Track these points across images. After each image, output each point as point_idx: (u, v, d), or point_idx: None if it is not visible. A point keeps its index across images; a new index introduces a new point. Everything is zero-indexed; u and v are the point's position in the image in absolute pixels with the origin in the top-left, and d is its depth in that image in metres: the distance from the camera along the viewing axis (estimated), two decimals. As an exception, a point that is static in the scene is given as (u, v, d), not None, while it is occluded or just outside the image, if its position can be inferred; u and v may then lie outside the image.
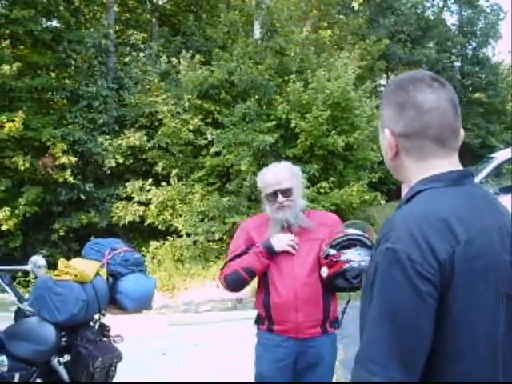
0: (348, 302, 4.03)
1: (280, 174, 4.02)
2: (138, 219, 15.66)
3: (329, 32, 21.01)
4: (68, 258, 5.52)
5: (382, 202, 16.15)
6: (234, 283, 4.16)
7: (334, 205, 14.53)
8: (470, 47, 32.00)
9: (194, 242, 15.12)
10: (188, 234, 15.09)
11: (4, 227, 15.40)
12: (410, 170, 1.83)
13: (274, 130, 15.47)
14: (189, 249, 15.13)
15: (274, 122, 15.47)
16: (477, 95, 31.37)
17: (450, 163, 1.81)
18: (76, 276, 5.00)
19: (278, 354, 4.01)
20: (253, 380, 4.20)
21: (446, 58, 30.47)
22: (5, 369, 4.67)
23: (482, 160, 14.00)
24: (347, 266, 3.70)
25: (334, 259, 3.77)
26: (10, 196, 15.71)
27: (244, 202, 14.94)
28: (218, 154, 15.40)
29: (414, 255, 1.59)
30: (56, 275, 5.13)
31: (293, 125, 15.13)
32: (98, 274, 5.23)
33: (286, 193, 3.96)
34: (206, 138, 15.75)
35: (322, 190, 14.78)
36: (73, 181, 15.90)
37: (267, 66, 16.31)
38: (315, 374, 4.04)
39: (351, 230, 3.87)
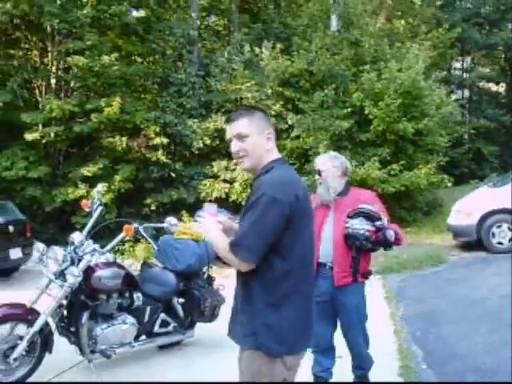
0: None
1: (318, 160, 5.23)
2: (223, 196, 16.88)
3: (402, 22, 21.68)
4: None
5: (449, 184, 16.91)
6: None
7: (404, 186, 15.61)
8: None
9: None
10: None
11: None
12: (270, 155, 3.19)
13: (350, 116, 16.70)
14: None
15: (349, 109, 16.71)
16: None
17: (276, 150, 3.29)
18: (192, 235, 6.44)
19: None
20: None
21: (523, 41, 29.06)
22: (140, 303, 6.21)
23: None
24: (346, 231, 4.89)
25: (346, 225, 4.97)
26: (106, 173, 17.11)
27: (321, 182, 16.00)
28: (297, 137, 16.79)
29: (279, 199, 2.93)
30: (177, 235, 6.58)
31: (366, 112, 16.31)
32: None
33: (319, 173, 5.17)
34: (286, 123, 17.16)
35: (392, 172, 15.98)
36: (164, 160, 17.26)
37: (343, 57, 17.56)
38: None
39: (362, 205, 4.95)
